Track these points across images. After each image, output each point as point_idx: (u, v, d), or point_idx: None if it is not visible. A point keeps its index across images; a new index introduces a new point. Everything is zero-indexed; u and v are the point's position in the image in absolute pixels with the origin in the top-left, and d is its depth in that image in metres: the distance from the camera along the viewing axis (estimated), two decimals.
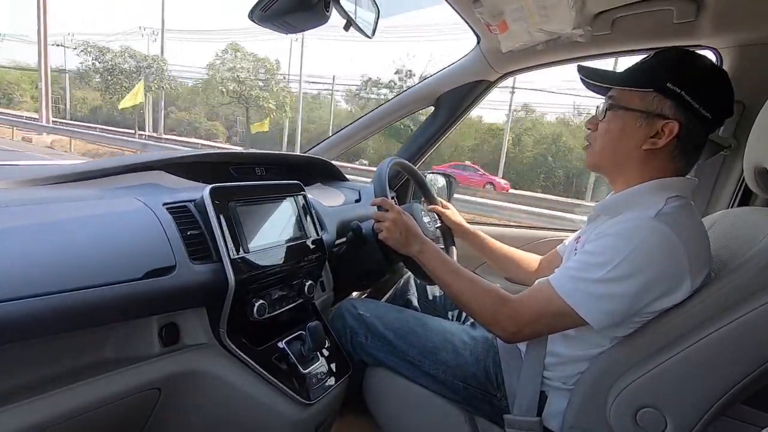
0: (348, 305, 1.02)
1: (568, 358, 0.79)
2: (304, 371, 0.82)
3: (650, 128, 0.73)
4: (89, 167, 0.81)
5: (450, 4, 1.09)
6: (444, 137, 1.51)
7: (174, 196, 0.76)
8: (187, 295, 0.69)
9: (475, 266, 1.50)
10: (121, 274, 0.59)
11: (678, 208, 0.71)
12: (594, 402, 0.74)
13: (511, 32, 1.11)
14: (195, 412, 0.76)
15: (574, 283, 0.71)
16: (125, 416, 0.67)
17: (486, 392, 0.88)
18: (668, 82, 0.71)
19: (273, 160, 1.22)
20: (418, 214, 1.06)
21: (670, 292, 0.68)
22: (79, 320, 0.56)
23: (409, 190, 1.55)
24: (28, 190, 0.71)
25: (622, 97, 0.76)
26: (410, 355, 0.92)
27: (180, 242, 0.68)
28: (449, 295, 0.86)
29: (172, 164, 0.93)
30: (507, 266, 1.14)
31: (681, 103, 0.71)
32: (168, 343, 0.69)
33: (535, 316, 0.74)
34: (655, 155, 0.74)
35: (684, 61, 0.74)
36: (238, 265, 0.72)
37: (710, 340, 0.66)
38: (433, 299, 1.20)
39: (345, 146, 1.53)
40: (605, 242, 0.70)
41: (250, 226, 0.77)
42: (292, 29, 0.84)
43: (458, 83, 1.41)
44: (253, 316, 0.76)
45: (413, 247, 0.89)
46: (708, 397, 0.67)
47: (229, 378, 0.75)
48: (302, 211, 0.90)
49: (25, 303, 0.50)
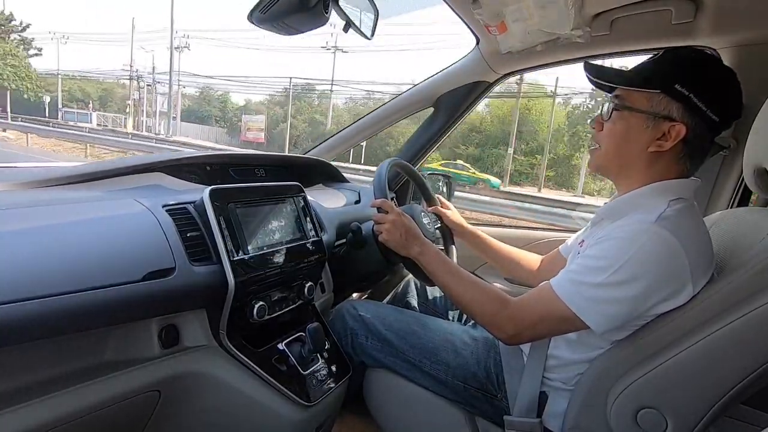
0: (348, 306, 1.02)
1: (569, 360, 0.79)
2: (304, 373, 0.82)
3: (656, 130, 0.71)
4: (89, 169, 0.81)
5: (449, 5, 1.09)
6: (443, 138, 1.51)
7: (174, 197, 0.76)
8: (187, 297, 0.69)
9: (476, 267, 1.50)
10: (120, 276, 0.59)
11: (680, 210, 0.70)
12: (594, 403, 0.74)
13: (511, 33, 1.11)
14: (195, 414, 0.76)
15: (576, 287, 0.71)
16: (125, 418, 0.67)
17: (486, 393, 0.88)
18: (676, 84, 0.69)
19: (273, 161, 1.22)
20: (418, 216, 1.06)
21: (671, 296, 0.68)
22: (79, 322, 0.56)
23: (408, 191, 1.55)
24: (28, 192, 0.71)
25: (628, 98, 0.74)
26: (410, 355, 0.92)
27: (180, 244, 0.68)
28: (449, 297, 0.86)
29: (172, 166, 0.93)
30: (508, 266, 1.14)
31: (689, 106, 0.69)
32: (168, 345, 0.69)
33: (535, 319, 0.74)
34: (661, 157, 0.73)
35: (693, 62, 0.72)
36: (237, 266, 0.72)
37: (711, 341, 0.66)
38: (433, 301, 1.19)
39: (345, 147, 1.53)
40: (606, 246, 0.70)
41: (249, 228, 0.77)
42: (292, 31, 0.84)
43: (457, 84, 1.41)
44: (252, 317, 0.76)
45: (413, 249, 0.88)
46: (708, 398, 0.67)
47: (228, 380, 0.75)
48: (302, 213, 0.90)
49: (26, 305, 0.50)
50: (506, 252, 1.13)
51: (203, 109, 36.73)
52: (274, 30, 0.82)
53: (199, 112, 36.41)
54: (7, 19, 25.62)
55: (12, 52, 23.67)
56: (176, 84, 25.62)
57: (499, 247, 1.14)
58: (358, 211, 1.21)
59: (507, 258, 1.13)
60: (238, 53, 78.73)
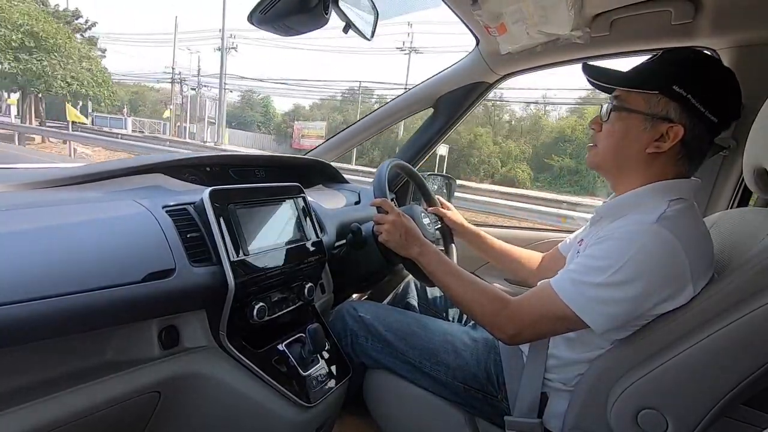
0: (348, 307, 1.02)
1: (569, 360, 0.79)
2: (304, 374, 0.82)
3: (655, 131, 0.71)
4: (89, 170, 0.81)
5: (449, 5, 1.09)
6: (443, 139, 1.52)
7: (174, 198, 0.76)
8: (187, 298, 0.69)
9: (476, 268, 1.50)
10: (121, 277, 0.59)
11: (680, 211, 0.70)
12: (595, 403, 0.74)
13: (510, 34, 1.11)
14: (195, 415, 0.76)
15: (576, 287, 0.71)
16: (125, 419, 0.67)
17: (487, 393, 0.88)
18: (674, 85, 0.69)
19: (272, 162, 1.22)
20: (418, 216, 1.06)
21: (672, 296, 0.68)
22: (79, 323, 0.56)
23: (408, 191, 1.55)
24: (29, 194, 0.71)
25: (626, 99, 0.74)
26: (411, 356, 0.92)
27: (180, 245, 0.68)
28: (449, 297, 0.86)
29: (172, 167, 0.93)
30: (509, 265, 1.14)
31: (687, 107, 0.69)
32: (168, 346, 0.69)
33: (535, 319, 0.74)
34: (659, 158, 0.73)
35: (692, 63, 0.72)
36: (237, 267, 0.72)
37: (711, 341, 0.66)
38: (433, 302, 1.19)
39: (345, 148, 1.53)
40: (607, 246, 0.70)
41: (249, 229, 0.77)
42: (292, 32, 0.85)
43: (457, 85, 1.41)
44: (252, 318, 0.76)
45: (413, 249, 0.88)
46: (709, 398, 0.67)
47: (228, 381, 0.75)
48: (302, 213, 0.90)
49: (26, 306, 0.50)
50: (507, 251, 1.13)
51: (246, 115, 34.02)
52: (274, 31, 0.83)
53: (242, 118, 33.64)
54: (73, 15, 21.23)
55: (87, 54, 19.43)
56: (220, 88, 23.20)
57: (500, 246, 1.14)
58: (358, 212, 1.21)
59: (508, 257, 1.13)
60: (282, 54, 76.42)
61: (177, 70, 27.43)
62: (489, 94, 1.46)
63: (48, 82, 17.18)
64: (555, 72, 2.48)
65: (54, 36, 17.11)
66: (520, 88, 21.79)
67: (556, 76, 27.62)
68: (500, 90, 22.74)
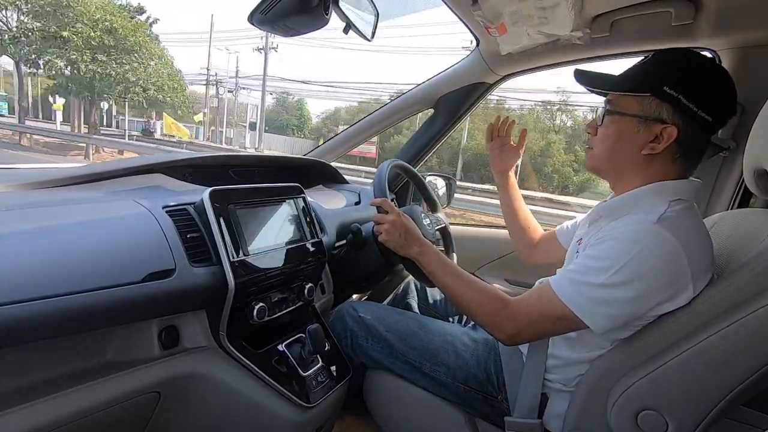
0: (348, 308, 1.02)
1: (569, 360, 0.79)
2: (304, 374, 0.82)
3: (648, 133, 0.71)
4: (90, 170, 0.81)
5: (449, 6, 1.09)
6: (443, 139, 1.52)
7: (174, 199, 0.76)
8: (187, 298, 0.69)
9: (476, 268, 1.50)
10: (121, 277, 0.59)
11: (680, 211, 0.70)
12: (595, 404, 0.74)
13: (510, 34, 1.11)
14: (195, 416, 0.76)
15: (576, 287, 0.71)
16: (125, 419, 0.67)
17: (487, 394, 0.88)
18: (665, 86, 0.69)
19: (273, 162, 1.22)
20: (418, 216, 1.07)
21: (672, 297, 0.68)
22: (79, 323, 0.56)
23: (408, 192, 1.55)
24: (29, 194, 0.71)
25: (619, 102, 0.74)
26: (411, 357, 0.92)
27: (180, 245, 0.68)
28: (449, 297, 0.86)
29: (172, 167, 0.93)
30: (518, 226, 1.12)
31: (679, 107, 0.69)
32: (168, 346, 0.69)
33: (535, 319, 0.74)
34: (656, 159, 0.73)
35: (681, 63, 0.72)
36: (237, 267, 0.72)
37: (711, 342, 0.66)
38: (433, 303, 1.19)
39: (345, 149, 1.53)
40: (607, 246, 0.70)
41: (249, 229, 0.77)
42: (293, 32, 0.85)
43: (458, 85, 1.41)
44: (252, 318, 0.76)
45: (413, 249, 0.88)
46: (709, 399, 0.67)
47: (228, 381, 0.75)
48: (302, 214, 0.91)
49: (26, 306, 0.50)
50: (524, 213, 1.13)
51: (281, 118, 32.96)
52: (274, 31, 0.83)
53: (278, 121, 32.54)
54: (137, 11, 17.43)
55: (160, 54, 16.64)
56: (262, 90, 21.62)
57: (522, 207, 1.13)
58: (358, 212, 1.21)
59: (523, 218, 1.12)
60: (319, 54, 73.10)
61: (213, 71, 25.33)
62: (489, 95, 1.46)
63: (127, 88, 14.75)
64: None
65: (133, 33, 14.56)
66: (583, 92, 21.16)
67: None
68: (564, 94, 21.65)
